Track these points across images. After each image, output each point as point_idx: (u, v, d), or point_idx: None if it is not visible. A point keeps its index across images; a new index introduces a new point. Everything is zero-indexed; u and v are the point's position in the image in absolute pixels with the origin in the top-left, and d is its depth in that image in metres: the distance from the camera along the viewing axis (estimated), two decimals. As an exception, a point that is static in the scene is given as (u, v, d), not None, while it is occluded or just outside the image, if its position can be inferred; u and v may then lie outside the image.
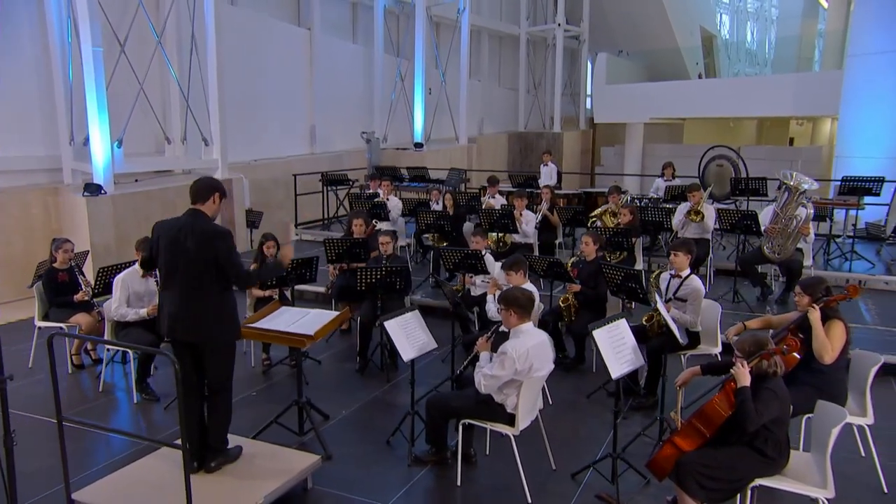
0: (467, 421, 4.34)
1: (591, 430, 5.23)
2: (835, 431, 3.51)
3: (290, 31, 14.52)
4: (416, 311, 4.86)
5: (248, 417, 5.22)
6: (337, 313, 4.80)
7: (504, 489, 4.36)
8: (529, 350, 4.13)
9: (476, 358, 4.47)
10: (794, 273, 7.69)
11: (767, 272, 8.29)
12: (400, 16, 17.48)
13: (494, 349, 4.32)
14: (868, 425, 4.36)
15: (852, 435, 4.63)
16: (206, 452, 4.18)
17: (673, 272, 5.65)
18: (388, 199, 8.98)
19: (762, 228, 7.73)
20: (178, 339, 4.07)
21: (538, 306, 5.59)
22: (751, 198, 9.25)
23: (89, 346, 6.52)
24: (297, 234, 12.06)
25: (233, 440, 4.46)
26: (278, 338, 4.58)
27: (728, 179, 9.86)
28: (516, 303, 4.23)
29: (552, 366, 4.35)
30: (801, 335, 4.42)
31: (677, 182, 9.99)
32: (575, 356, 6.39)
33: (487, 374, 4.13)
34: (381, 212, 8.60)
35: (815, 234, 7.95)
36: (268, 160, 13.77)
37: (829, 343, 4.23)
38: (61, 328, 6.20)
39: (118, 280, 5.55)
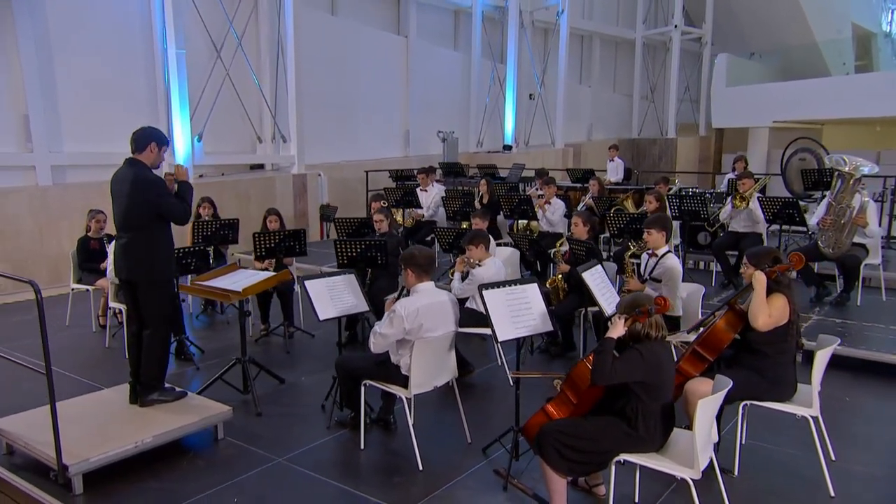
0: (368, 382, 4.24)
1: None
2: (702, 403, 3.04)
3: (387, 39, 14.99)
4: (351, 276, 4.84)
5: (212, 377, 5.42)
6: (273, 274, 4.91)
7: (403, 456, 4.20)
8: (419, 309, 3.97)
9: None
10: (850, 271, 6.77)
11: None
12: (503, 22, 17.49)
13: None
14: (812, 417, 3.72)
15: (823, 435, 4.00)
16: (139, 387, 4.44)
17: (650, 251, 5.18)
18: (426, 190, 9.01)
19: (814, 221, 6.87)
20: (120, 278, 4.44)
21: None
22: (825, 191, 8.22)
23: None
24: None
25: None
26: (210, 293, 4.77)
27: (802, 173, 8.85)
28: (412, 261, 4.10)
29: (452, 328, 4.15)
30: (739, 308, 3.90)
31: (748, 176, 9.09)
32: (563, 342, 6.01)
33: (377, 332, 4.03)
34: (412, 199, 8.65)
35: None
36: (358, 161, 14.28)
37: (766, 307, 3.68)
38: (88, 290, 6.86)
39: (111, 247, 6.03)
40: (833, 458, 4.04)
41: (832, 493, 3.66)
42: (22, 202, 9.31)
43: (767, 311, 3.66)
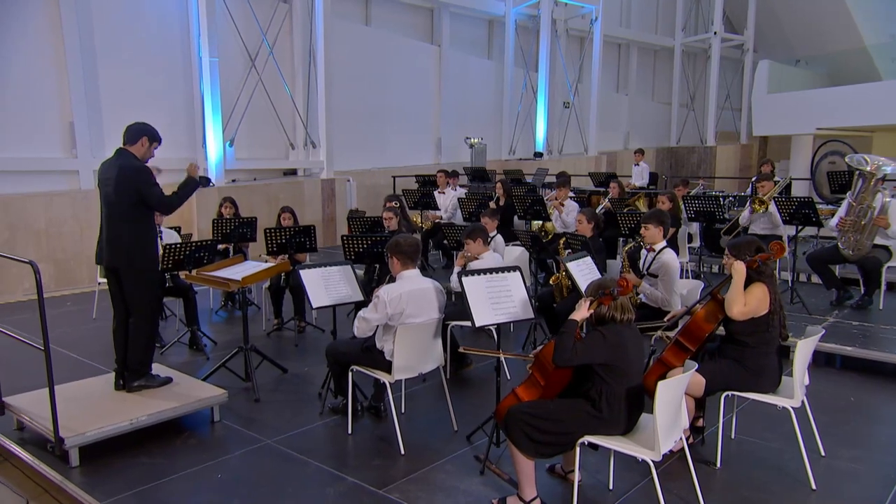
0: (355, 368, 4.33)
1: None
2: (662, 385, 3.03)
3: (420, 48, 15.19)
4: (348, 267, 4.95)
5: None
6: (273, 264, 5.07)
7: (388, 441, 4.27)
8: (402, 295, 4.05)
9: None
10: (871, 273, 6.57)
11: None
12: (536, 30, 17.54)
13: None
14: (793, 408, 3.65)
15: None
16: (126, 373, 4.62)
17: (648, 246, 5.16)
18: (444, 192, 9.11)
19: (833, 222, 6.70)
20: (104, 264, 4.61)
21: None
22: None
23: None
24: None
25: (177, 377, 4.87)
26: (212, 281, 4.94)
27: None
28: (397, 249, 4.19)
29: (436, 315, 4.21)
30: (721, 297, 3.86)
31: (772, 179, 8.90)
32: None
33: (361, 317, 4.12)
34: (430, 202, 8.76)
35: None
36: (389, 168, 14.48)
37: (742, 297, 3.65)
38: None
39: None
40: (822, 453, 3.95)
41: (814, 486, 3.58)
42: (65, 205, 9.74)
43: (742, 301, 3.63)
